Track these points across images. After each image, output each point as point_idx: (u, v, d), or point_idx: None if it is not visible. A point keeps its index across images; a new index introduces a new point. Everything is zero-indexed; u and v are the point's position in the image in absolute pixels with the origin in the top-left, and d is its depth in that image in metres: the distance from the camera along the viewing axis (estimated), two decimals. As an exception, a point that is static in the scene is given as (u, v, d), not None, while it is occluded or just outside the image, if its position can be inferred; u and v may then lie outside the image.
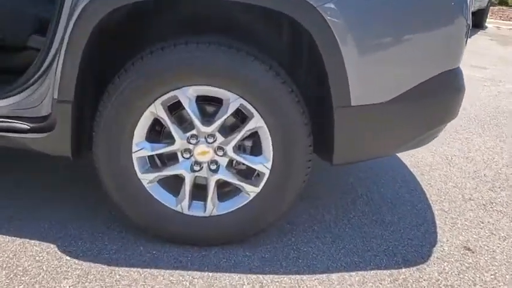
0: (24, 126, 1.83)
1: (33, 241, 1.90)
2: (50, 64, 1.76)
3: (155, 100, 1.73)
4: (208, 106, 1.83)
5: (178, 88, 1.71)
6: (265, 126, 1.75)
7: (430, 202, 2.43)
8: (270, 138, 1.76)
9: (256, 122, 1.75)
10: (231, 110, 1.74)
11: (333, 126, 1.75)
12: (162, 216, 1.87)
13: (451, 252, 2.02)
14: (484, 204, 2.45)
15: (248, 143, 1.88)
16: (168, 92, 1.72)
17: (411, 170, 2.79)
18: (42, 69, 1.78)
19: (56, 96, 1.74)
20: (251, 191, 1.84)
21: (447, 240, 2.10)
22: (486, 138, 3.41)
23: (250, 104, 1.72)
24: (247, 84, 1.69)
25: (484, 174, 2.80)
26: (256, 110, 1.73)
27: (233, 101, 1.73)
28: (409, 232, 2.15)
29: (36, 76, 1.80)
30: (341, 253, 1.96)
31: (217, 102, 1.80)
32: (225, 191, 1.91)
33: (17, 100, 1.84)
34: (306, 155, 1.79)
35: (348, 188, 2.50)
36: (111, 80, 1.75)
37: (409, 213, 2.30)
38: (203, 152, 1.80)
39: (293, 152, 1.77)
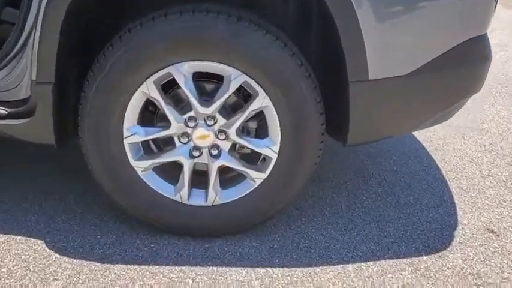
0: (1, 111, 1.63)
1: (18, 237, 1.73)
2: (26, 40, 1.55)
3: (147, 78, 1.53)
4: (207, 84, 1.64)
5: (172, 64, 1.51)
6: (271, 105, 1.56)
7: (447, 180, 2.27)
8: (277, 118, 1.58)
9: (262, 101, 1.56)
10: (232, 88, 1.55)
11: (348, 102, 1.56)
12: (159, 206, 1.69)
13: (474, 235, 1.87)
14: (504, 181, 2.28)
15: (252, 125, 1.69)
16: (161, 69, 1.52)
17: (423, 144, 2.61)
18: (18, 46, 1.58)
19: (34, 77, 1.54)
20: (257, 177, 1.66)
21: (468, 222, 1.95)
22: (499, 108, 3.22)
23: (254, 80, 1.53)
24: (251, 57, 1.49)
25: (501, 147, 2.63)
26: (262, 87, 1.54)
27: (235, 78, 1.53)
28: (427, 214, 1.99)
29: (11, 55, 1.60)
30: (356, 240, 1.81)
31: (217, 79, 1.60)
32: (228, 177, 1.73)
33: (-8, 82, 1.64)
34: (317, 135, 1.61)
35: (358, 167, 2.33)
36: (97, 57, 1.55)
37: (426, 193, 2.14)
38: (203, 136, 1.62)
39: (303, 133, 1.59)
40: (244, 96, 1.66)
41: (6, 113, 1.63)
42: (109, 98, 1.54)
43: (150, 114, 1.69)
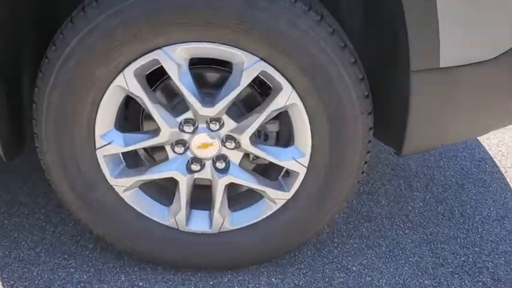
0: None
1: (-33, 273, 1.33)
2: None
3: (124, 68, 1.08)
4: (209, 73, 1.19)
5: (160, 47, 1.06)
6: (300, 103, 1.11)
7: (508, 180, 1.84)
8: (307, 119, 1.13)
9: (287, 98, 1.11)
10: (246, 81, 1.09)
11: (408, 99, 1.11)
12: (148, 235, 1.28)
13: (556, 261, 1.45)
14: None
15: (272, 128, 1.24)
16: (143, 55, 1.06)
17: (472, 131, 2.17)
18: None
19: (-35, 68, 1.10)
20: (278, 197, 1.23)
21: (545, 242, 1.53)
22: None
23: (276, 69, 1.07)
24: (273, 37, 1.03)
25: None
26: (287, 79, 1.09)
27: (250, 66, 1.08)
28: (491, 231, 1.57)
29: None
30: (404, 272, 1.40)
31: (223, 65, 1.15)
32: (239, 193, 1.31)
33: None
34: (362, 143, 1.16)
35: (397, 164, 1.90)
36: (53, 38, 1.10)
37: (484, 199, 1.72)
38: (204, 145, 1.18)
39: (344, 140, 1.15)
40: (260, 86, 1.22)
41: None
42: (72, 95, 1.09)
43: (133, 114, 1.25)
